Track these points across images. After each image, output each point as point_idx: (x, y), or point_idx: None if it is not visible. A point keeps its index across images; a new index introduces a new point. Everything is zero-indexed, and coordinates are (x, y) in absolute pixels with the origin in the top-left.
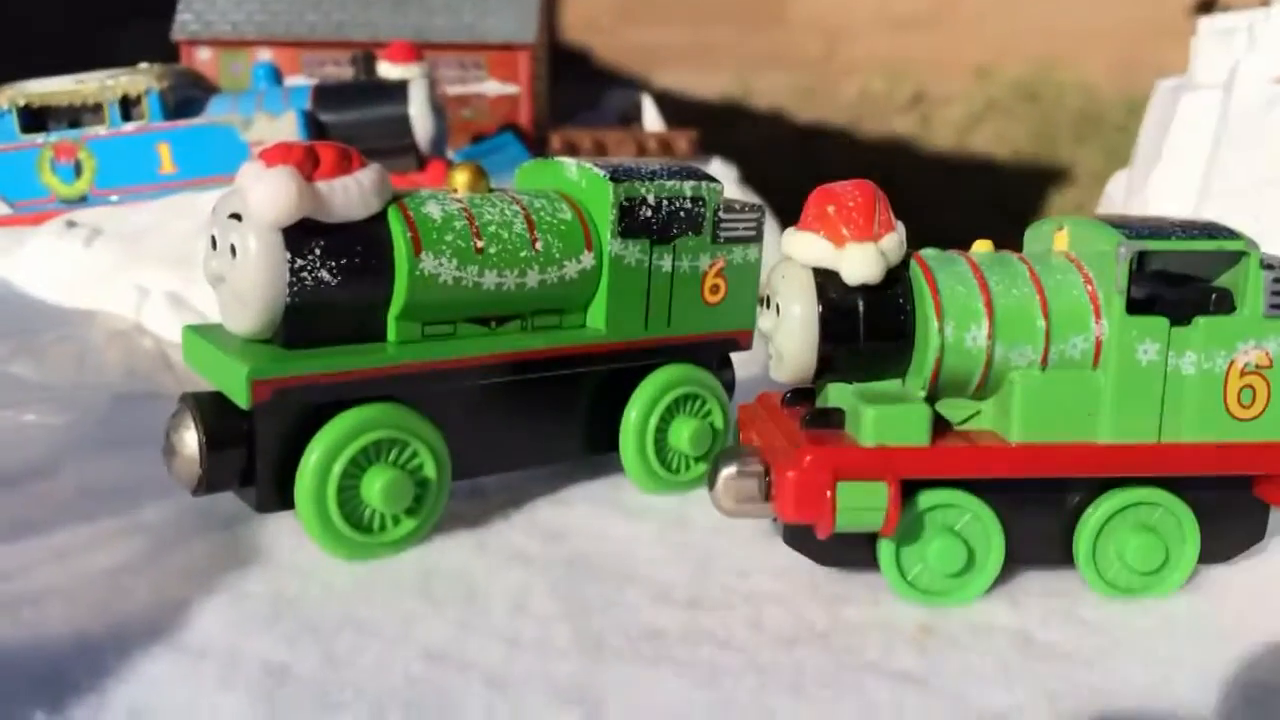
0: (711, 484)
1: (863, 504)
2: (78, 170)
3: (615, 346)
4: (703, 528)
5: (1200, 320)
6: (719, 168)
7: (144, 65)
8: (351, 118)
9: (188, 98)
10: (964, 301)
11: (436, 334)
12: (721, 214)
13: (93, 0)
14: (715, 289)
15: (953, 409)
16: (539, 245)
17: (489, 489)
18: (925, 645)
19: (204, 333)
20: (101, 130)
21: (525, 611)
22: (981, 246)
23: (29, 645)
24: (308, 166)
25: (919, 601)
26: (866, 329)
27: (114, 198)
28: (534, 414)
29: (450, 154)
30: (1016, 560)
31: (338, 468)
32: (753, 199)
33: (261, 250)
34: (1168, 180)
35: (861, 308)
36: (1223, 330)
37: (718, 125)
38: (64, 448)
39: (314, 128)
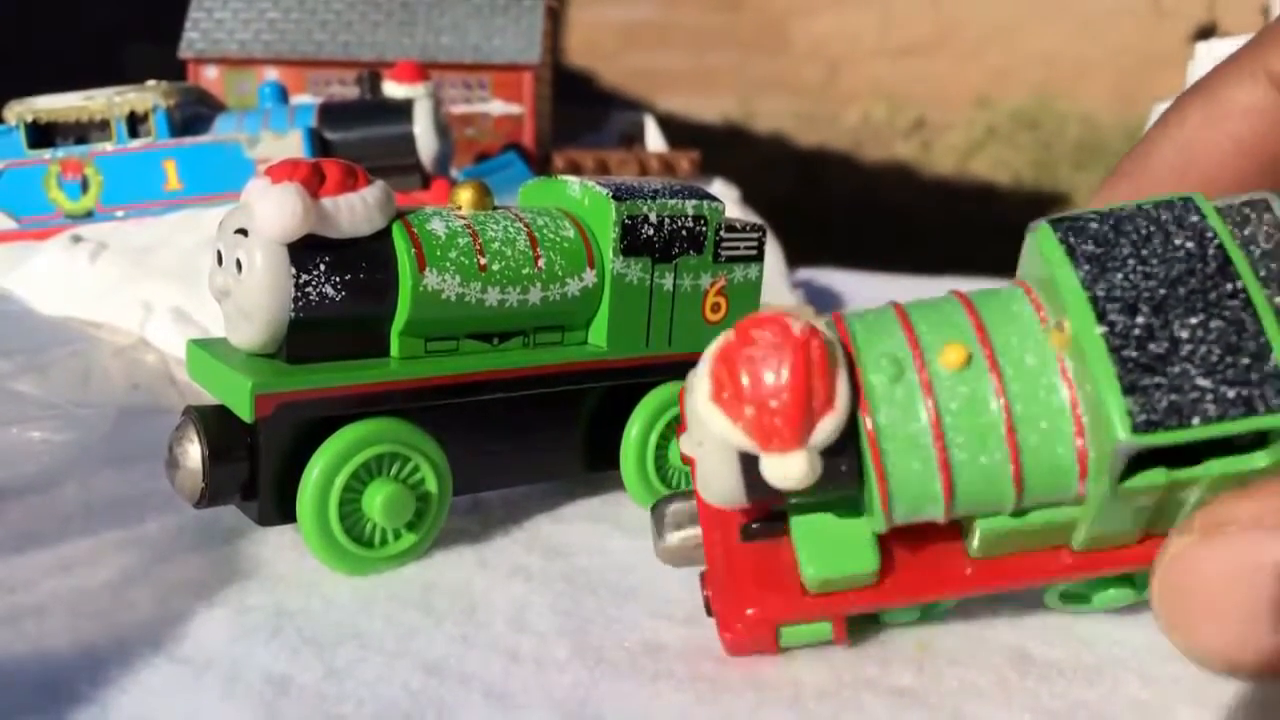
0: (657, 536)
1: (807, 636)
2: (84, 186)
3: (616, 364)
4: None
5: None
6: (720, 189)
7: (151, 83)
8: (357, 136)
9: (194, 115)
10: None
11: (439, 350)
12: (723, 233)
13: (101, 18)
14: (716, 307)
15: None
16: (542, 263)
17: (490, 504)
18: (923, 662)
19: (208, 347)
20: (108, 147)
21: (525, 626)
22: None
23: (32, 656)
24: (314, 183)
25: None
26: None
27: (120, 213)
28: (535, 430)
29: (455, 173)
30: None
31: (339, 482)
32: (755, 222)
33: (267, 265)
34: None
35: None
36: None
37: (719, 148)
38: (68, 462)
39: (319, 146)
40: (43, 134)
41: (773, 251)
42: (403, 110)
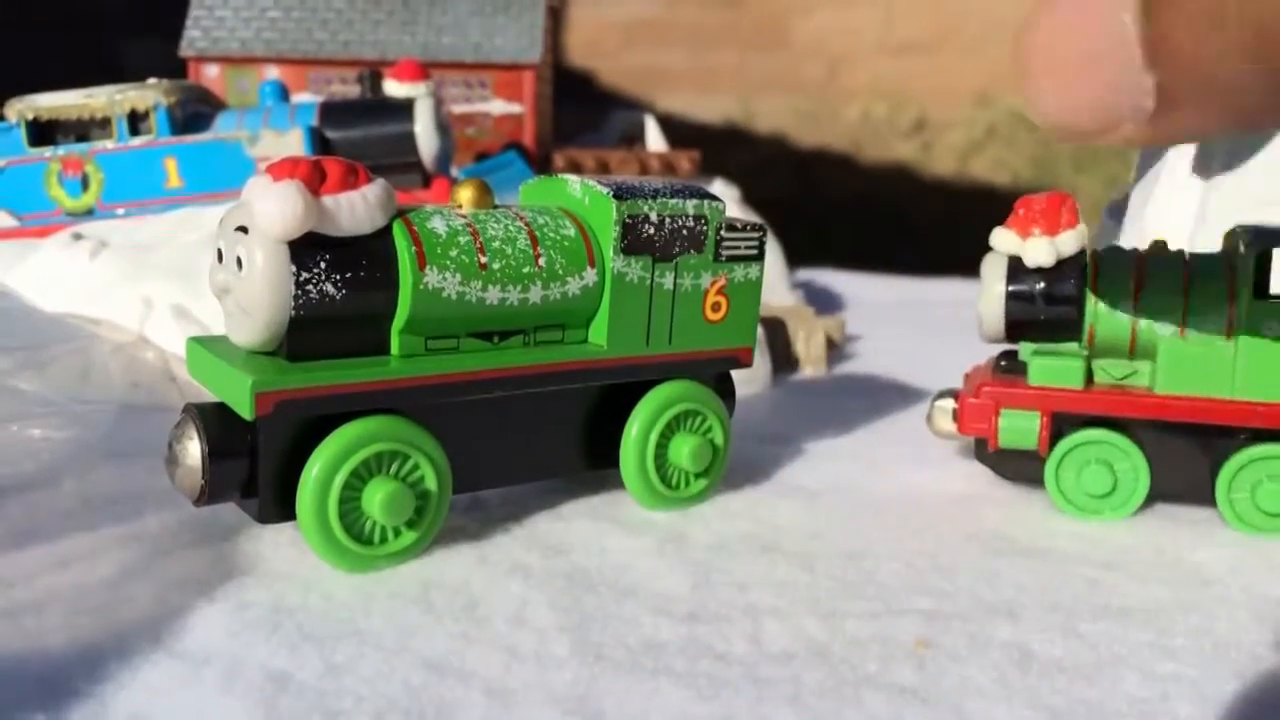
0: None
1: (1020, 427)
2: (85, 184)
3: (617, 362)
4: (702, 543)
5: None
6: (721, 188)
7: (152, 81)
8: (357, 135)
9: (195, 113)
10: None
11: (440, 348)
12: (724, 232)
13: (102, 15)
14: (717, 307)
15: (1114, 368)
16: (542, 261)
17: (490, 502)
18: (924, 659)
19: (208, 344)
20: (109, 144)
21: (525, 623)
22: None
23: (31, 652)
24: (314, 181)
25: (1073, 514)
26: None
27: (120, 211)
28: (535, 428)
29: (455, 172)
30: (1162, 493)
31: (339, 480)
32: (754, 221)
33: (267, 263)
34: (1165, 205)
35: (1040, 287)
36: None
37: (720, 147)
38: (67, 459)
39: (320, 144)
40: (44, 131)
41: (772, 251)
42: (403, 109)
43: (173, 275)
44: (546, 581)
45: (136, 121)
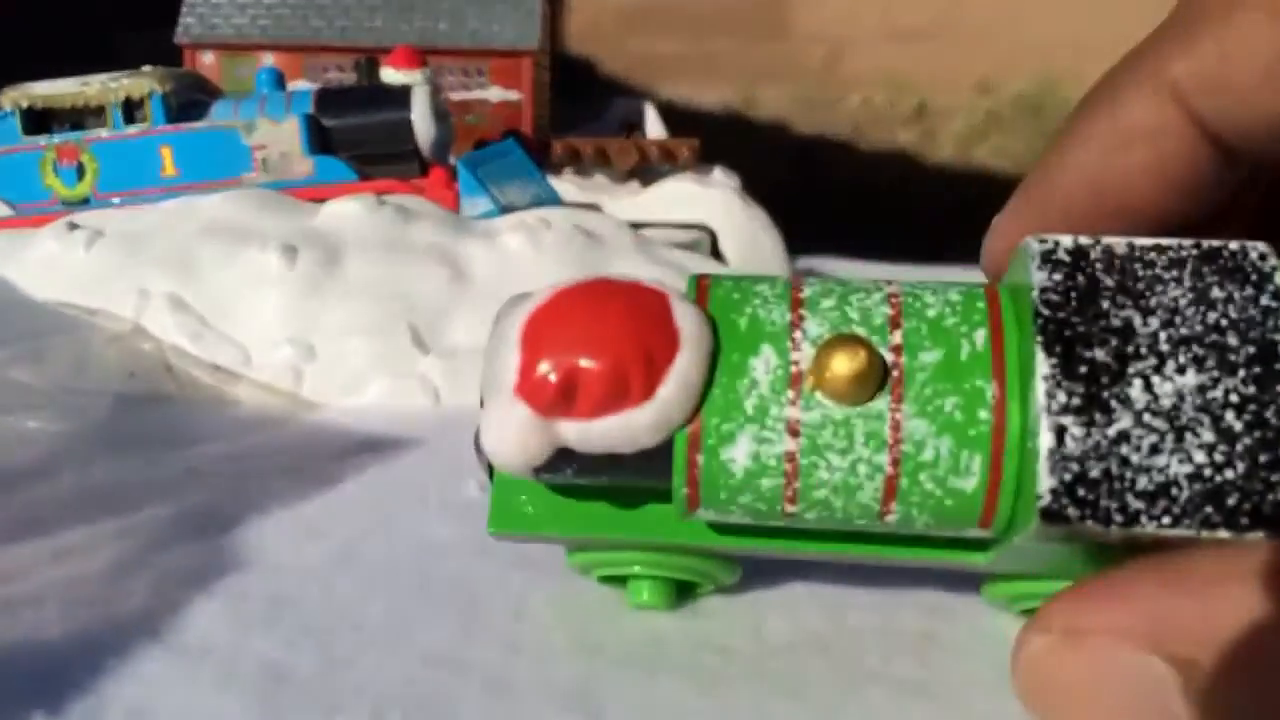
0: None
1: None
2: (80, 173)
3: None
4: None
5: None
6: (720, 177)
7: (147, 68)
8: (354, 123)
9: (191, 101)
10: None
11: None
12: None
13: (96, 2)
14: None
15: None
16: (892, 516)
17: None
18: (927, 653)
19: None
20: (104, 133)
21: (525, 617)
22: None
23: (27, 645)
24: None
25: None
26: None
27: (116, 200)
28: None
29: (454, 160)
30: None
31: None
32: (754, 210)
33: None
34: None
35: None
36: None
37: (720, 135)
38: (64, 451)
39: (316, 133)
40: (38, 120)
41: (774, 240)
42: (400, 97)
43: (169, 265)
44: (547, 574)
45: (132, 110)
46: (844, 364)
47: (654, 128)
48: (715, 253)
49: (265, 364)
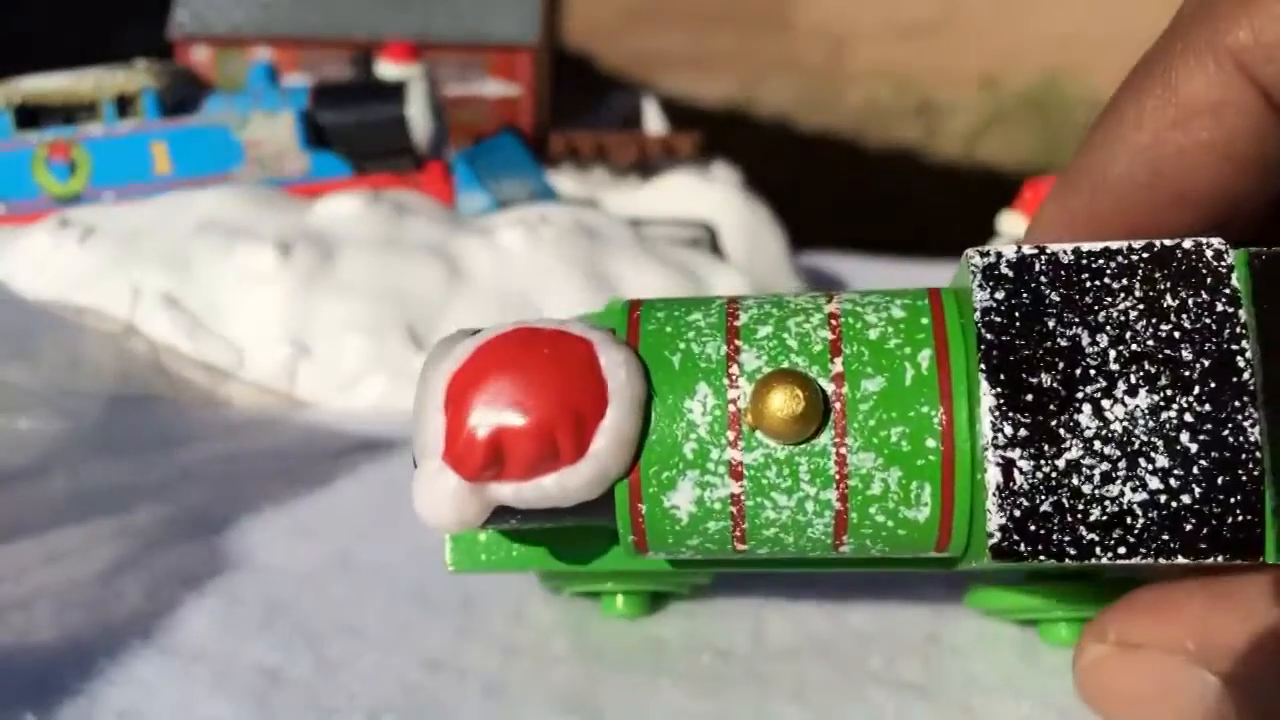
0: None
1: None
2: (72, 169)
3: None
4: None
5: None
6: (721, 171)
7: (140, 64)
8: (349, 118)
9: (184, 97)
10: None
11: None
12: None
13: None
14: None
15: None
16: (846, 548)
17: None
18: (930, 655)
19: None
20: (96, 129)
21: (523, 620)
22: None
23: (19, 648)
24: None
25: None
26: None
27: (109, 196)
28: None
29: (452, 155)
30: None
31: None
32: (756, 206)
33: None
34: None
35: None
36: None
37: (721, 130)
38: (57, 452)
39: (311, 128)
40: (30, 116)
41: (776, 235)
42: (396, 92)
43: (163, 262)
44: None
45: (124, 105)
46: (782, 406)
47: (654, 122)
48: (716, 249)
49: (259, 362)
